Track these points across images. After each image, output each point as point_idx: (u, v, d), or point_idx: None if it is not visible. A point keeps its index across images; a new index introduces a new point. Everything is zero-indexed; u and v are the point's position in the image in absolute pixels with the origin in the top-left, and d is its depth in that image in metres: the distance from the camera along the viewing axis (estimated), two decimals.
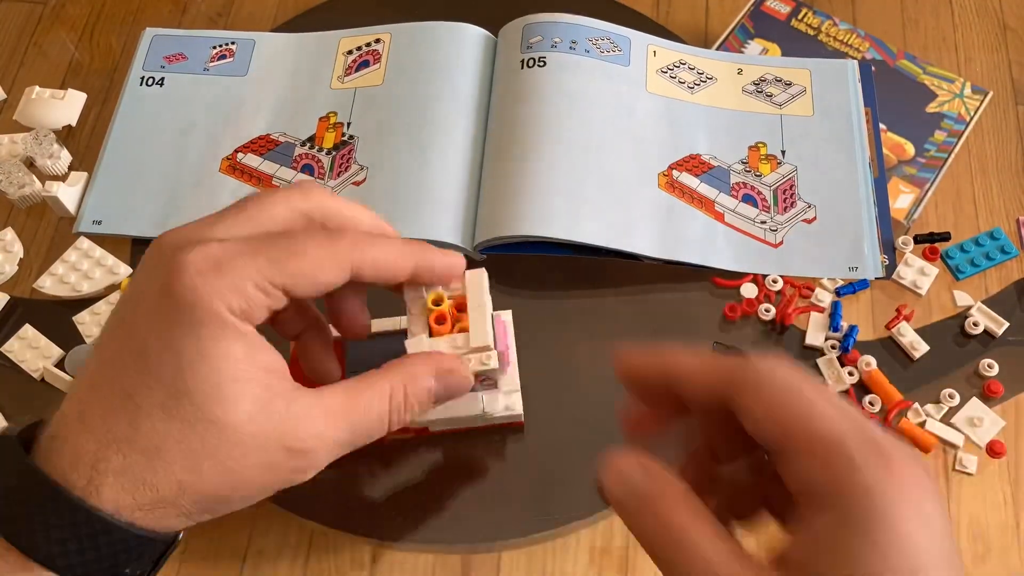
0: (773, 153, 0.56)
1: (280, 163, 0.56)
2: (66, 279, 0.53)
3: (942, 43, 0.63)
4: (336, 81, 0.59)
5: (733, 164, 0.55)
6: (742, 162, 0.56)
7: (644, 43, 0.59)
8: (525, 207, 0.51)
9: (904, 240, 0.54)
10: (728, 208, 0.54)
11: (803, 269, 0.53)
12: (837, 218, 0.54)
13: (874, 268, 0.52)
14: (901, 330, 0.51)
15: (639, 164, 0.54)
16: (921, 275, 0.53)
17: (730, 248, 0.53)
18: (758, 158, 0.56)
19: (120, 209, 0.55)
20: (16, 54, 0.64)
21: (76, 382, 0.32)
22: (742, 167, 0.55)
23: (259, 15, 0.65)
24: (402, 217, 0.52)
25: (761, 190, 0.54)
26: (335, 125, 0.57)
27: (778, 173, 0.55)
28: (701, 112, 0.57)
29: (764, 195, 0.54)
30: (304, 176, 0.56)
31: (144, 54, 0.61)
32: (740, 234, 0.53)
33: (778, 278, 0.52)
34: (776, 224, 0.54)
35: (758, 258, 0.53)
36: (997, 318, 0.51)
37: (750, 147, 0.56)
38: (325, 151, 0.56)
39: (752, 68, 0.59)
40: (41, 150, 0.57)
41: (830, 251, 0.53)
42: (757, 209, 0.54)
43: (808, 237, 0.53)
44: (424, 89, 0.57)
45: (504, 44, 0.59)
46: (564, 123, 0.54)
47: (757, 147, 0.56)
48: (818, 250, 0.53)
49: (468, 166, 0.55)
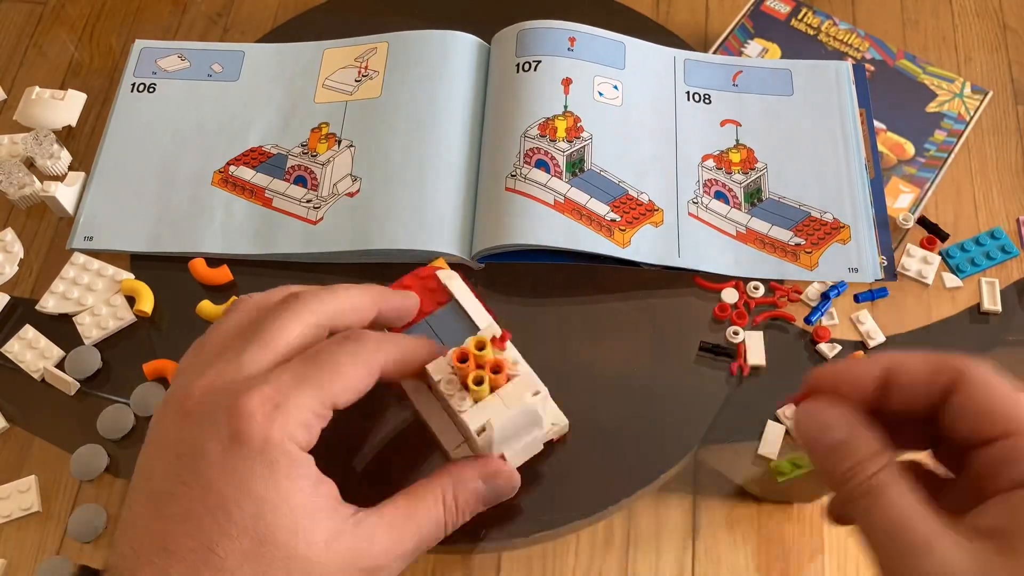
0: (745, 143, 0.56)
1: (272, 175, 0.56)
2: (69, 295, 0.52)
3: (942, 43, 0.63)
4: (325, 92, 0.59)
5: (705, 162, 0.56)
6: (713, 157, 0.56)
7: (637, 51, 0.59)
8: (523, 215, 0.51)
9: (905, 217, 0.54)
10: (719, 213, 0.54)
11: (802, 272, 0.53)
12: (832, 220, 0.54)
13: (873, 270, 0.52)
14: (860, 317, 0.51)
15: (634, 170, 0.54)
16: (925, 264, 0.53)
17: (728, 252, 0.53)
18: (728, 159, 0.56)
19: (112, 225, 0.55)
20: (16, 54, 0.64)
21: (136, 544, 0.32)
22: (713, 165, 0.55)
23: (259, 15, 0.65)
24: (398, 229, 0.52)
25: (732, 187, 0.54)
26: (327, 136, 0.57)
27: (752, 172, 0.55)
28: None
29: (735, 192, 0.54)
30: (296, 188, 0.55)
31: (134, 65, 0.61)
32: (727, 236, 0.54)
33: (759, 285, 0.52)
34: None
35: (755, 262, 0.53)
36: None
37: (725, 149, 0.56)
38: (318, 162, 0.56)
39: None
40: (41, 150, 0.57)
41: (828, 253, 0.53)
42: (728, 207, 0.54)
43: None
44: (419, 99, 0.57)
45: (498, 51, 0.59)
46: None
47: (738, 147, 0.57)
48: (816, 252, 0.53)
49: (464, 175, 0.55)
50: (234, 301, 0.39)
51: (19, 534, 0.47)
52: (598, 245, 0.51)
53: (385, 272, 0.49)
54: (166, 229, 0.54)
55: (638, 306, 0.52)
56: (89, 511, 0.47)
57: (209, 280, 0.53)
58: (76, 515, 0.47)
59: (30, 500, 0.48)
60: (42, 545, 0.47)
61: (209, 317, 0.52)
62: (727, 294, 0.52)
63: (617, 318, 0.52)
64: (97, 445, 0.48)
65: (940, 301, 0.53)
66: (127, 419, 0.49)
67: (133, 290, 0.52)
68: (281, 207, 0.55)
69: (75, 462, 0.48)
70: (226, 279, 0.53)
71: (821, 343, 0.50)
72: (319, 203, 0.55)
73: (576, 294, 0.53)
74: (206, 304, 0.52)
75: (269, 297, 0.38)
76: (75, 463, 0.48)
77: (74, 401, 0.50)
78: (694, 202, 0.54)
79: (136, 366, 0.50)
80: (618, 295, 0.53)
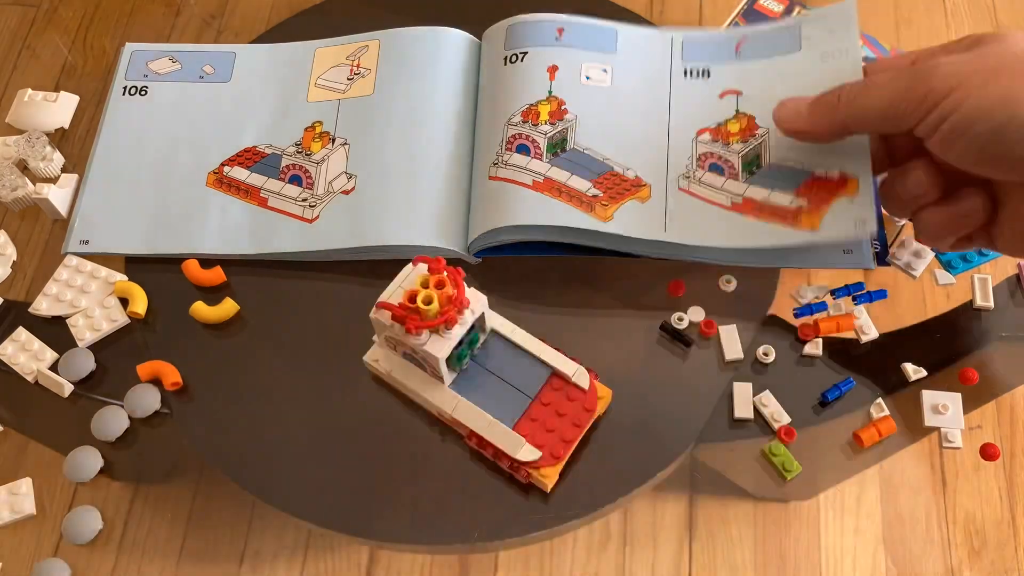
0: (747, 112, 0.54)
1: (267, 175, 0.56)
2: (62, 297, 0.52)
3: (935, 41, 0.62)
4: (317, 91, 0.59)
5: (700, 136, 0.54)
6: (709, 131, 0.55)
7: (631, 33, 0.59)
8: (504, 199, 0.51)
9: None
10: (713, 186, 0.53)
11: (801, 260, 0.52)
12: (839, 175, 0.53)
13: (867, 255, 0.52)
14: (854, 312, 0.52)
15: (620, 147, 0.54)
16: (915, 257, 0.53)
17: (720, 223, 0.51)
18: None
19: (108, 228, 0.55)
20: (9, 57, 0.64)
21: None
22: (709, 138, 0.54)
23: (252, 17, 0.65)
24: (393, 224, 0.52)
25: (728, 158, 0.53)
26: (321, 135, 0.57)
27: (749, 142, 0.53)
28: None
29: (732, 163, 0.53)
30: (291, 187, 0.55)
31: (125, 68, 0.61)
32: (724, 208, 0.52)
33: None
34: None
35: (749, 231, 0.51)
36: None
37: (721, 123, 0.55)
38: (313, 160, 0.56)
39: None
40: (34, 152, 0.56)
41: (834, 209, 0.50)
42: (724, 178, 0.52)
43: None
44: (412, 96, 0.57)
45: (488, 46, 0.59)
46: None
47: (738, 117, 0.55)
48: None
49: (458, 170, 0.55)
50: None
51: (14, 537, 0.47)
52: (577, 220, 0.51)
53: (381, 269, 0.49)
54: (161, 230, 0.54)
55: (634, 303, 0.52)
56: (84, 513, 0.47)
57: (202, 281, 0.53)
58: (71, 517, 0.47)
59: (25, 503, 0.47)
60: (38, 547, 0.47)
61: (203, 319, 0.52)
62: None
63: (612, 314, 0.52)
64: (91, 447, 0.48)
65: (934, 297, 0.53)
66: (121, 421, 0.49)
67: (126, 292, 0.52)
68: (277, 206, 0.55)
69: (69, 464, 0.48)
70: (219, 280, 0.53)
71: (806, 342, 0.51)
72: (315, 201, 0.54)
73: (572, 290, 0.53)
74: (200, 305, 0.52)
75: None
76: (69, 465, 0.48)
77: (68, 403, 0.50)
78: (686, 176, 0.53)
79: (130, 368, 0.50)
80: (615, 292, 0.53)
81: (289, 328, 0.52)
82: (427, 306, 0.42)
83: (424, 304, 0.42)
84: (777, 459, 0.47)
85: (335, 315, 0.52)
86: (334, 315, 0.52)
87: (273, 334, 0.52)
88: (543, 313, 0.52)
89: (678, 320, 0.51)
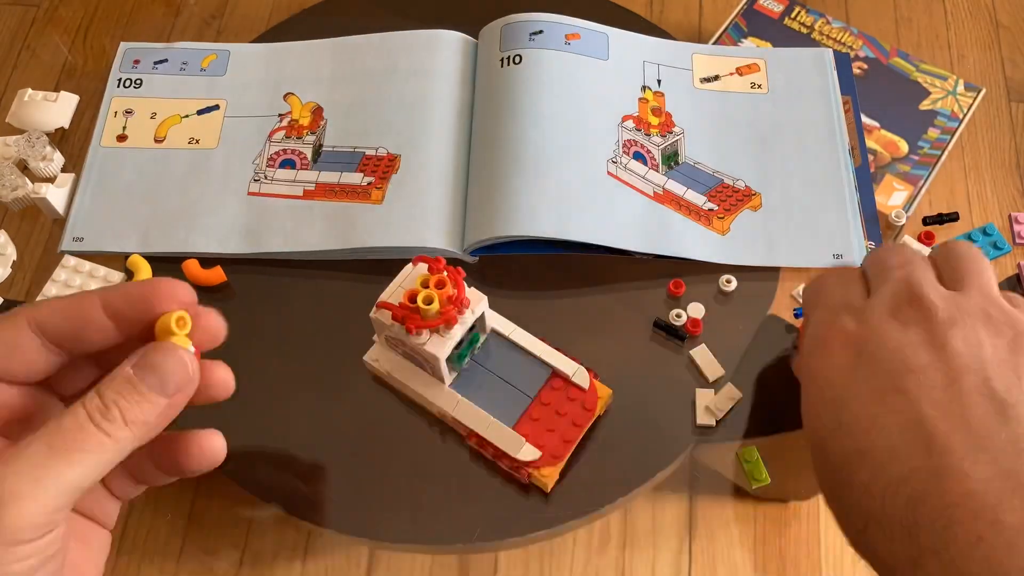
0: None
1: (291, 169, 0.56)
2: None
3: (935, 41, 0.63)
4: (314, 91, 0.59)
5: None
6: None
7: (622, 38, 0.59)
8: (512, 207, 0.51)
9: (897, 214, 0.54)
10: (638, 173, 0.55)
11: (788, 259, 0.53)
12: (816, 206, 0.54)
13: (859, 254, 0.52)
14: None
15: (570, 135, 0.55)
16: None
17: (710, 241, 0.53)
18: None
19: (102, 226, 0.55)
20: (9, 57, 0.64)
21: None
22: (632, 126, 0.57)
23: (252, 17, 0.65)
24: (389, 226, 0.52)
25: (650, 148, 0.56)
26: (317, 134, 0.57)
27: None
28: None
29: (653, 154, 0.55)
30: (286, 171, 0.56)
31: (118, 65, 0.61)
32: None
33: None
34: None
35: (743, 249, 0.53)
36: None
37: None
38: (307, 143, 0.56)
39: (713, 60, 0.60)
40: (34, 152, 0.56)
41: (812, 240, 0.53)
42: (647, 168, 0.55)
43: (791, 224, 0.54)
44: (407, 96, 0.57)
45: (484, 46, 0.59)
46: (546, 120, 0.54)
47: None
48: (800, 239, 0.53)
49: (455, 170, 0.55)
50: None
51: None
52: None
53: (381, 269, 0.49)
54: (156, 229, 0.54)
55: (632, 300, 0.52)
56: None
57: (202, 281, 0.53)
58: None
59: None
60: None
61: None
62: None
63: (612, 314, 0.52)
64: None
65: None
66: None
67: (135, 265, 0.52)
68: (274, 206, 0.55)
69: None
70: (219, 280, 0.53)
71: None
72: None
73: (571, 290, 0.53)
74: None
75: None
76: None
77: None
78: (613, 161, 0.54)
79: None
80: (615, 291, 0.53)
81: (288, 328, 0.52)
82: (427, 306, 0.42)
83: (424, 304, 0.42)
84: (748, 465, 0.47)
85: (335, 315, 0.52)
86: (334, 315, 0.52)
87: (272, 334, 0.52)
88: (543, 313, 0.52)
89: (676, 317, 0.51)
